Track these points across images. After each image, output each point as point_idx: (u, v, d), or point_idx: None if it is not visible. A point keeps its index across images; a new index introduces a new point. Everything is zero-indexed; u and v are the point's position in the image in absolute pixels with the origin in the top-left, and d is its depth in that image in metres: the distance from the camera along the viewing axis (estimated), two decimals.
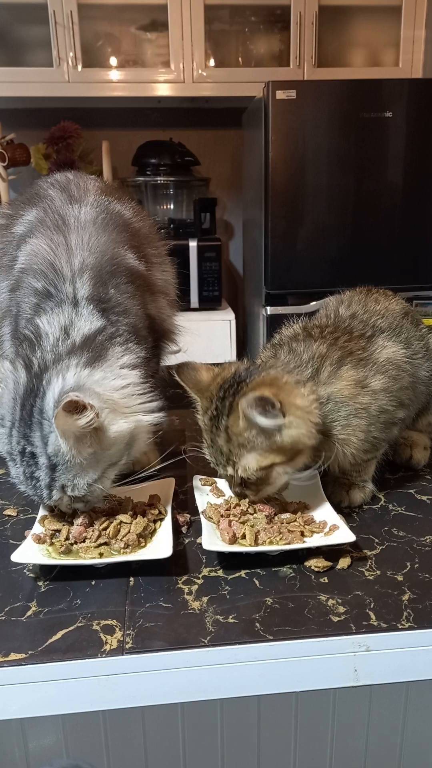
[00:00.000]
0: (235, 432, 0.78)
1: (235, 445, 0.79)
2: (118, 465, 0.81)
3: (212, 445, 0.82)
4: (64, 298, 0.86)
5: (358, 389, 0.85)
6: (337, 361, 0.86)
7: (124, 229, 1.00)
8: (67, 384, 0.76)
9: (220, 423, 0.80)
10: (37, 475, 0.76)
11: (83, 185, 1.05)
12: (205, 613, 0.70)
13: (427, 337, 1.03)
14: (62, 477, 0.76)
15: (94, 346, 0.82)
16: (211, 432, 0.81)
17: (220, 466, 0.82)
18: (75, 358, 0.80)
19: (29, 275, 0.89)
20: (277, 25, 2.88)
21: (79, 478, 0.76)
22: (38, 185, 1.08)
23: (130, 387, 0.82)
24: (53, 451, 0.75)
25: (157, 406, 0.84)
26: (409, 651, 0.68)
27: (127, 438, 0.80)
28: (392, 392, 0.87)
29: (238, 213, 3.42)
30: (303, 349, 0.88)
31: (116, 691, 0.66)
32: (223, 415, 0.79)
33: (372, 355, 0.89)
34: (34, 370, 0.79)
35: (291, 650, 0.66)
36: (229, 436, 0.79)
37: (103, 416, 0.77)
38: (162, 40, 2.81)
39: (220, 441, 0.80)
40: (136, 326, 0.92)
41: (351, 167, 2.54)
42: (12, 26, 2.80)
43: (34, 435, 0.76)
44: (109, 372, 0.81)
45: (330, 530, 0.80)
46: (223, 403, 0.80)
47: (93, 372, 0.79)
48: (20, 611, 0.71)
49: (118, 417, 0.79)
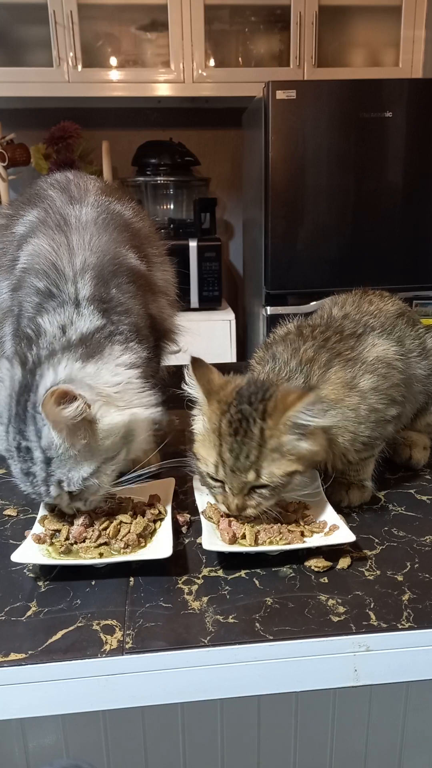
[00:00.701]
0: (274, 435, 0.77)
1: (268, 450, 0.77)
2: (116, 461, 0.81)
3: (231, 450, 0.77)
4: (66, 298, 0.86)
5: (346, 390, 0.85)
6: (325, 363, 0.86)
7: (124, 229, 1.00)
8: (59, 376, 0.77)
9: (252, 426, 0.77)
10: (33, 470, 0.77)
11: (83, 185, 1.05)
12: (205, 613, 0.70)
13: (425, 337, 1.03)
14: (57, 471, 0.76)
15: (90, 343, 0.82)
16: (234, 436, 0.77)
17: (236, 472, 0.77)
18: (69, 354, 0.80)
19: (31, 275, 0.90)
20: (277, 25, 2.88)
21: (74, 472, 0.76)
22: (38, 185, 1.08)
23: (126, 383, 0.82)
24: (47, 444, 0.75)
25: (155, 401, 0.84)
26: (409, 651, 0.68)
27: (123, 431, 0.80)
28: (382, 390, 0.87)
29: (238, 213, 3.42)
30: (290, 355, 0.87)
31: (116, 691, 0.66)
32: (256, 419, 0.77)
33: (361, 354, 0.89)
34: (28, 366, 0.80)
35: (291, 650, 0.66)
36: (264, 440, 0.77)
37: (96, 408, 0.77)
38: (162, 40, 2.81)
39: (249, 445, 0.77)
40: (138, 326, 0.92)
41: (351, 167, 2.54)
42: (12, 26, 2.80)
43: (28, 429, 0.76)
44: (103, 367, 0.81)
45: (330, 530, 0.80)
46: (254, 408, 0.77)
47: (86, 366, 0.80)
48: (20, 611, 0.71)
49: (112, 409, 0.79)
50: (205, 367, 0.83)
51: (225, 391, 0.81)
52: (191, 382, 0.82)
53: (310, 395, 0.76)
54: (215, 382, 0.82)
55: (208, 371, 0.83)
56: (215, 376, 0.83)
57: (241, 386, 0.81)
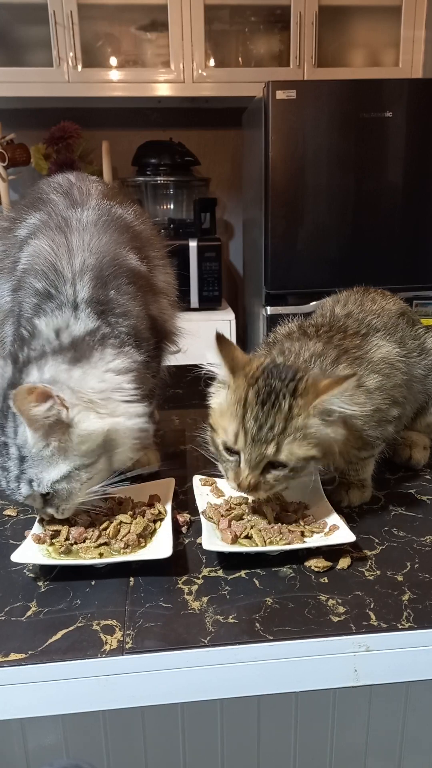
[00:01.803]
0: (302, 414, 0.76)
1: (293, 428, 0.76)
2: (92, 469, 0.80)
3: (255, 419, 0.76)
4: (64, 300, 0.87)
5: (354, 388, 0.85)
6: (333, 360, 0.86)
7: (125, 231, 1.00)
8: (43, 377, 0.78)
9: (281, 400, 0.76)
10: (7, 465, 0.78)
11: (85, 189, 1.05)
12: (205, 613, 0.70)
13: (424, 336, 1.03)
14: (29, 470, 0.77)
15: (80, 347, 0.83)
16: (262, 405, 0.76)
17: (257, 442, 0.76)
18: (58, 356, 0.81)
19: (31, 275, 0.90)
20: (277, 25, 2.88)
21: (46, 473, 0.77)
22: (40, 189, 1.09)
23: (113, 390, 0.82)
24: (22, 441, 0.76)
25: (141, 411, 0.83)
26: (409, 651, 0.68)
27: (101, 439, 0.79)
28: (386, 390, 0.87)
29: (238, 213, 3.42)
30: (300, 349, 0.87)
31: (116, 691, 0.66)
32: (286, 395, 0.76)
33: (367, 353, 0.89)
34: (18, 365, 0.81)
35: (291, 650, 0.66)
36: (291, 416, 0.76)
37: (74, 412, 0.77)
38: (162, 40, 2.81)
39: (275, 417, 0.76)
40: (137, 328, 0.92)
41: (351, 167, 2.54)
42: (12, 26, 2.80)
43: (8, 425, 0.78)
44: (90, 372, 0.81)
45: (330, 530, 0.80)
46: (284, 384, 0.77)
47: (72, 370, 0.80)
48: (20, 611, 0.71)
49: (92, 415, 0.79)
50: (229, 343, 0.82)
51: (250, 366, 0.80)
52: (216, 359, 0.81)
53: (349, 381, 0.76)
54: (240, 358, 0.82)
55: (232, 348, 0.82)
56: (239, 353, 0.82)
57: (266, 364, 0.80)
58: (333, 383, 0.76)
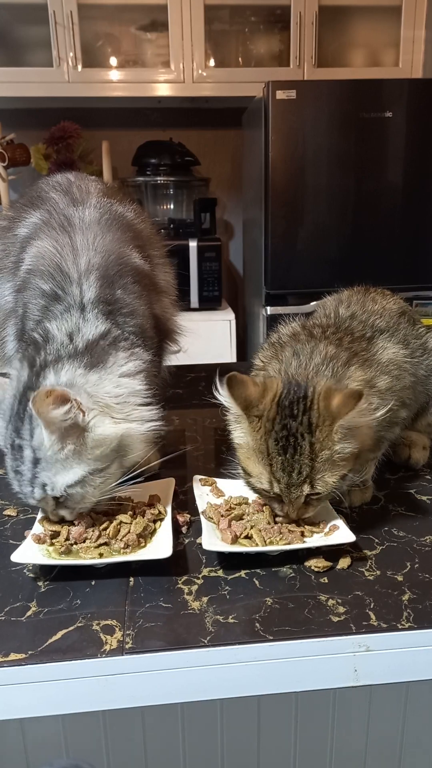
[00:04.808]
0: (324, 447, 0.76)
1: (320, 463, 0.76)
2: (105, 473, 0.80)
3: (283, 469, 0.77)
4: (71, 302, 0.87)
5: (367, 390, 0.84)
6: (345, 362, 0.85)
7: (127, 230, 1.00)
8: (60, 380, 0.78)
9: (302, 442, 0.76)
10: (21, 469, 0.78)
11: (85, 187, 1.05)
12: (205, 613, 0.70)
13: (426, 336, 1.03)
14: (43, 474, 0.77)
15: (96, 351, 0.83)
16: (285, 454, 0.77)
17: (292, 488, 0.77)
18: (74, 361, 0.81)
19: (36, 276, 0.90)
20: (277, 25, 2.88)
21: (59, 477, 0.77)
22: (39, 187, 1.08)
23: (128, 395, 0.82)
24: (37, 443, 0.76)
25: (155, 415, 0.84)
26: (409, 651, 0.68)
27: (115, 444, 0.79)
28: (396, 392, 0.88)
29: (238, 213, 3.42)
30: (311, 352, 0.86)
31: (116, 691, 0.66)
32: (304, 435, 0.76)
33: (375, 355, 0.89)
34: (35, 368, 0.81)
35: (291, 650, 0.66)
36: (315, 453, 0.76)
37: (90, 416, 0.78)
38: (162, 40, 2.81)
39: (302, 461, 0.76)
40: (143, 327, 0.92)
41: (351, 167, 2.54)
42: (12, 26, 2.80)
43: (24, 428, 0.78)
44: (106, 377, 0.81)
45: (330, 530, 0.80)
46: (299, 422, 0.77)
47: (89, 375, 0.80)
48: (20, 611, 0.71)
49: (107, 420, 0.79)
50: (240, 384, 0.79)
51: (264, 402, 0.79)
52: (228, 402, 0.80)
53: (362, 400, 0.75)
54: (252, 396, 0.79)
55: (244, 388, 0.79)
56: (251, 391, 0.79)
57: (279, 394, 0.79)
58: (345, 404, 0.75)
